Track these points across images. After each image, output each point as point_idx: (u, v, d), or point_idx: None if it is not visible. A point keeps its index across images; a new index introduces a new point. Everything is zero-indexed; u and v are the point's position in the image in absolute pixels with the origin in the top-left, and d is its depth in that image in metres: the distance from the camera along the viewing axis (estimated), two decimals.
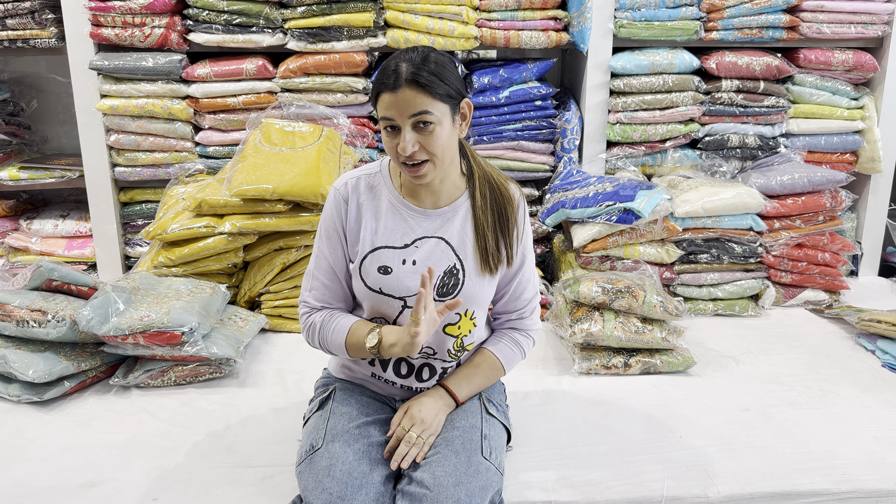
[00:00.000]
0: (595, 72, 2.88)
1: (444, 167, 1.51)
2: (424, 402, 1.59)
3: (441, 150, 1.47)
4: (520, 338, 1.72)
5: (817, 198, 2.74)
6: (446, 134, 1.47)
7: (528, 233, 1.69)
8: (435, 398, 1.60)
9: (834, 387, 2.14)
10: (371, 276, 1.58)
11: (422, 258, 1.57)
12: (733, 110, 2.92)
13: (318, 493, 1.42)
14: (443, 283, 1.58)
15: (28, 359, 1.97)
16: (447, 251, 1.59)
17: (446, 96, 1.45)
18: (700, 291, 2.72)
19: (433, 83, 1.43)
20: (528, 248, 1.69)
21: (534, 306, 1.73)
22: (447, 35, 2.75)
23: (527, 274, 1.69)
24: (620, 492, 1.64)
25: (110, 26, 2.70)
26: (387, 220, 1.59)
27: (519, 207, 1.65)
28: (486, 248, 1.59)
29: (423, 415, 1.55)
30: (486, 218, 1.59)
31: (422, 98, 1.43)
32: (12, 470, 1.69)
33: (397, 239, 1.58)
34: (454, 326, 1.61)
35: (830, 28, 2.88)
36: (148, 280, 2.30)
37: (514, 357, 1.71)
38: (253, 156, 2.55)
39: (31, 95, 3.17)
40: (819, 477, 1.70)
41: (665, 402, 2.04)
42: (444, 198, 1.60)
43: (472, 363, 1.67)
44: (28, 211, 3.09)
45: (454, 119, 1.50)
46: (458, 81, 1.50)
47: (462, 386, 1.64)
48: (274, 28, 2.73)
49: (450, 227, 1.59)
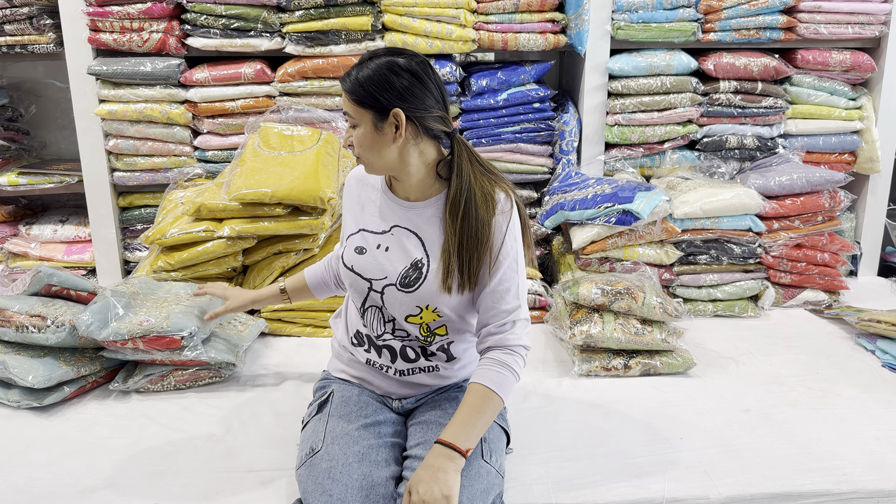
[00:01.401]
0: (593, 74, 2.88)
1: (375, 167, 1.60)
2: (422, 476, 1.41)
3: (364, 151, 1.58)
4: (505, 357, 1.56)
5: (816, 198, 2.74)
6: (367, 138, 1.56)
7: (509, 242, 1.59)
8: (433, 465, 1.42)
9: (834, 387, 2.14)
10: (348, 255, 1.68)
11: (393, 246, 1.64)
12: (731, 111, 2.92)
13: (319, 495, 1.42)
14: (406, 274, 1.62)
15: (28, 364, 1.97)
16: (417, 244, 1.63)
17: (365, 103, 1.53)
18: (699, 292, 2.72)
19: (354, 91, 1.55)
20: (508, 257, 1.59)
21: (515, 318, 1.59)
22: (445, 38, 2.75)
23: (505, 283, 1.58)
24: (621, 493, 1.63)
25: (108, 31, 2.70)
26: (372, 207, 1.70)
27: (493, 222, 1.57)
28: (447, 268, 1.57)
29: (423, 495, 1.37)
30: (453, 235, 1.56)
31: (346, 100, 1.58)
32: (12, 476, 1.68)
33: (377, 224, 1.68)
34: (416, 317, 1.64)
35: (828, 28, 2.88)
36: (147, 285, 2.30)
37: (506, 380, 1.54)
38: (252, 160, 2.56)
39: (29, 101, 3.17)
40: (820, 478, 1.70)
41: (665, 404, 2.04)
42: (416, 194, 1.65)
43: (465, 404, 1.51)
44: (27, 216, 3.09)
45: (378, 126, 1.54)
46: (389, 93, 1.52)
47: (459, 433, 1.47)
48: (272, 32, 2.73)
49: (424, 221, 1.63)
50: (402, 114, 1.53)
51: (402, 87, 1.52)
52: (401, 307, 1.63)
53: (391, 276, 1.62)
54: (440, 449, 1.45)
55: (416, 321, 1.65)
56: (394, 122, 1.54)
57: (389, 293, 1.63)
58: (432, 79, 1.56)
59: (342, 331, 1.81)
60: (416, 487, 1.39)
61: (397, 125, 1.54)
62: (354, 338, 1.75)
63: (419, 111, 1.55)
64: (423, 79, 1.55)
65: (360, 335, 1.74)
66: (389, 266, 1.63)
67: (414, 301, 1.62)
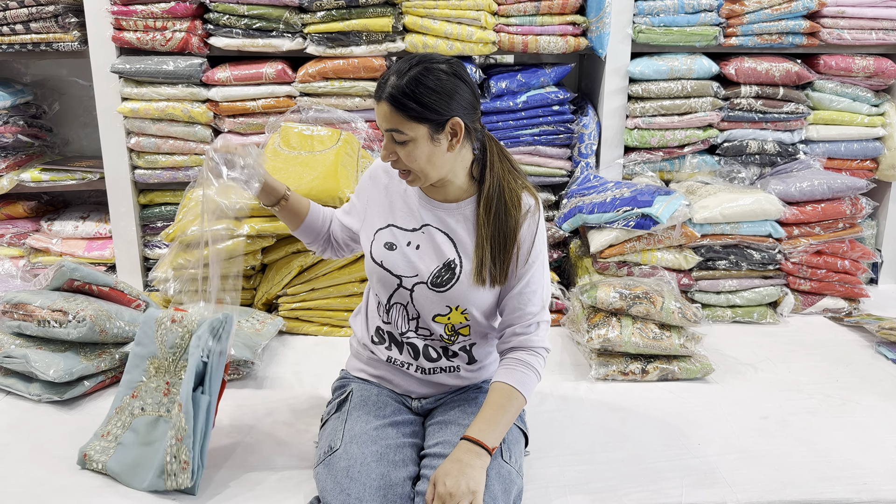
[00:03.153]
0: (613, 77, 2.87)
1: (430, 178, 1.55)
2: (449, 469, 1.43)
3: (419, 166, 1.52)
4: (529, 358, 1.59)
5: (837, 205, 2.72)
6: (424, 152, 1.50)
7: (538, 246, 1.62)
8: (461, 460, 1.44)
9: (854, 395, 2.12)
10: (377, 250, 1.66)
11: (425, 244, 1.63)
12: (752, 116, 2.91)
13: (337, 493, 1.43)
14: (438, 274, 1.61)
15: (49, 359, 1.99)
16: (449, 245, 1.62)
17: (421, 117, 1.47)
18: (718, 298, 2.70)
19: (406, 105, 1.46)
20: (537, 260, 1.62)
21: (539, 320, 1.62)
22: (465, 40, 2.75)
23: (532, 286, 1.61)
24: (639, 498, 1.63)
25: (132, 30, 2.73)
26: (403, 204, 1.68)
27: (523, 223, 1.59)
28: (482, 261, 1.58)
29: (450, 487, 1.39)
30: (486, 232, 1.58)
31: (395, 116, 1.48)
32: (33, 468, 1.70)
33: (408, 221, 1.66)
34: (443, 317, 1.64)
35: (851, 34, 2.86)
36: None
37: (530, 380, 1.58)
38: (272, 159, 2.57)
39: (52, 98, 3.21)
40: (839, 486, 1.68)
41: (683, 409, 2.03)
42: (451, 196, 1.64)
43: (490, 402, 1.54)
44: (49, 212, 3.13)
45: (435, 138, 1.50)
46: (444, 101, 1.48)
47: (486, 430, 1.50)
48: (293, 33, 2.75)
49: (457, 223, 1.63)
50: (461, 121, 1.51)
51: (454, 95, 1.49)
52: (430, 306, 1.64)
53: (423, 274, 1.62)
54: (467, 445, 1.47)
55: (444, 321, 1.65)
56: (450, 131, 1.51)
57: (420, 291, 1.63)
58: (470, 79, 1.55)
59: (362, 328, 1.80)
60: (442, 480, 1.40)
61: (454, 133, 1.51)
62: (375, 335, 1.75)
63: (471, 115, 1.54)
64: (467, 81, 1.54)
65: (380, 332, 1.73)
66: (421, 264, 1.62)
67: (444, 301, 1.62)
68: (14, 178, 2.88)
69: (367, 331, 1.78)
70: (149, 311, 1.83)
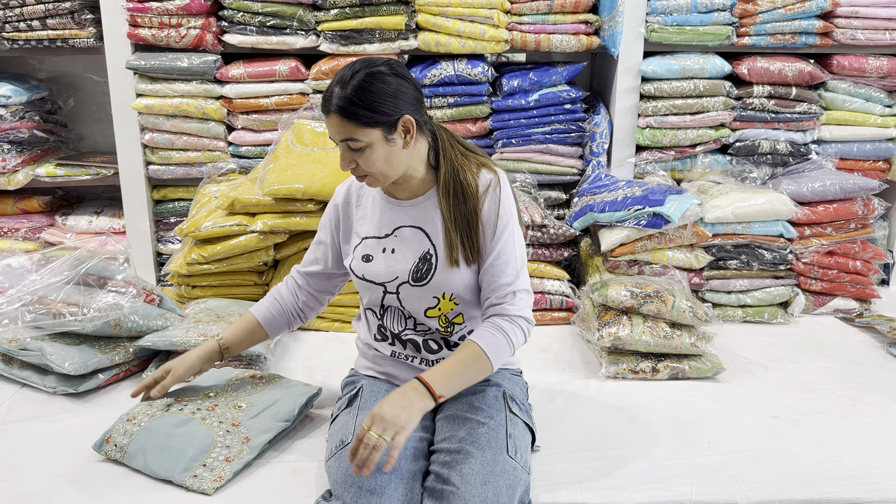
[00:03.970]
0: (625, 76, 2.87)
1: (390, 178, 1.61)
2: (390, 397, 1.48)
3: (379, 168, 1.57)
4: (503, 323, 1.60)
5: (849, 205, 2.71)
6: (381, 154, 1.55)
7: (504, 217, 1.63)
8: (404, 391, 1.50)
9: (865, 396, 2.12)
10: (356, 265, 1.72)
11: (399, 246, 1.68)
12: (765, 116, 2.90)
13: (348, 487, 1.44)
14: (417, 269, 1.66)
15: (64, 351, 2.01)
16: (423, 238, 1.67)
17: (372, 122, 1.51)
18: (729, 298, 2.70)
19: (356, 114, 1.50)
20: (504, 231, 1.63)
21: (514, 290, 1.63)
22: (478, 38, 2.76)
23: (503, 257, 1.63)
24: (649, 496, 1.63)
25: (147, 27, 2.75)
26: (373, 214, 1.73)
27: (485, 199, 1.63)
28: (452, 244, 1.63)
29: (384, 411, 1.44)
30: (450, 215, 1.63)
31: (347, 126, 1.52)
32: (49, 459, 1.72)
33: (380, 229, 1.71)
34: (434, 309, 1.69)
35: (865, 34, 2.85)
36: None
37: (500, 346, 1.58)
38: (285, 156, 2.59)
39: (67, 94, 3.23)
40: (850, 486, 1.68)
41: (693, 408, 2.03)
42: (416, 190, 1.69)
43: (455, 356, 1.57)
44: (63, 207, 3.15)
45: (389, 138, 1.55)
46: (392, 102, 1.52)
47: (439, 378, 1.52)
48: (307, 30, 2.76)
49: (425, 215, 1.68)
50: (411, 118, 1.56)
51: (399, 94, 1.54)
52: (418, 302, 1.68)
53: (402, 274, 1.67)
54: (416, 384, 1.51)
55: (435, 314, 1.69)
56: (402, 129, 1.56)
57: (405, 291, 1.68)
58: (410, 75, 1.60)
59: (364, 330, 1.85)
60: (382, 405, 1.46)
61: (407, 130, 1.57)
62: (377, 334, 1.79)
63: (419, 110, 1.59)
64: (408, 78, 1.58)
65: (382, 331, 1.77)
66: (398, 266, 1.67)
67: (429, 293, 1.66)
68: (29, 172, 2.91)
69: (368, 331, 1.82)
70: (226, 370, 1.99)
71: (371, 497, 1.42)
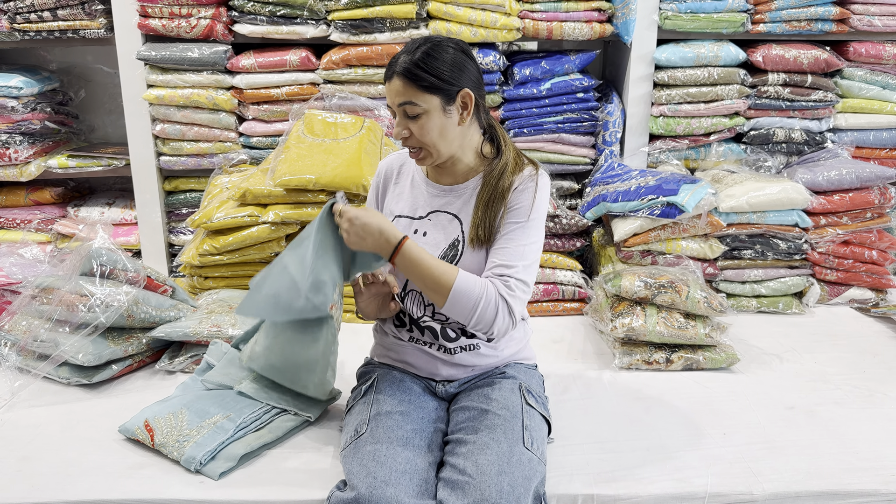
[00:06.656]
0: (639, 64, 2.85)
1: (442, 154, 1.60)
2: (375, 212, 1.58)
3: (432, 139, 1.57)
4: (489, 288, 1.55)
5: (865, 194, 2.68)
6: (436, 124, 1.56)
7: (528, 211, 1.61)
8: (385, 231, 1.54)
9: (881, 386, 2.10)
10: None
11: (431, 230, 1.68)
12: (780, 104, 2.87)
13: (363, 476, 1.44)
14: (445, 254, 1.66)
15: (78, 343, 2.02)
16: (455, 225, 1.67)
17: (433, 87, 1.53)
18: (743, 288, 2.68)
19: (419, 76, 1.52)
20: (527, 225, 1.61)
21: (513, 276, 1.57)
22: (489, 27, 2.74)
23: (515, 243, 1.59)
24: (664, 487, 1.62)
25: (158, 17, 2.74)
26: (408, 194, 1.74)
27: (516, 181, 1.62)
28: (476, 223, 1.62)
29: (364, 217, 1.54)
30: (484, 196, 1.63)
31: (407, 88, 1.54)
32: (63, 450, 1.73)
33: (414, 210, 1.72)
34: None
35: (882, 21, 2.81)
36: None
37: (471, 286, 1.53)
38: (296, 146, 2.58)
39: (79, 85, 3.23)
40: (867, 477, 1.67)
41: (708, 399, 2.02)
42: (460, 177, 1.69)
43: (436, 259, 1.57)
44: (75, 198, 3.16)
45: (447, 109, 1.56)
46: (455, 73, 1.55)
47: (412, 254, 1.54)
48: (317, 20, 2.75)
49: (462, 203, 1.67)
50: (472, 93, 1.57)
51: (464, 67, 1.56)
52: None
53: None
54: (396, 239, 1.54)
55: None
56: (461, 103, 1.57)
57: None
58: (474, 57, 1.63)
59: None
60: (371, 218, 1.54)
61: (465, 105, 1.58)
62: (396, 320, 1.78)
63: (479, 90, 1.61)
64: (474, 59, 1.61)
65: (401, 316, 1.76)
66: (428, 249, 1.64)
67: None
68: (41, 164, 2.92)
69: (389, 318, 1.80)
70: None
71: (386, 487, 1.41)
